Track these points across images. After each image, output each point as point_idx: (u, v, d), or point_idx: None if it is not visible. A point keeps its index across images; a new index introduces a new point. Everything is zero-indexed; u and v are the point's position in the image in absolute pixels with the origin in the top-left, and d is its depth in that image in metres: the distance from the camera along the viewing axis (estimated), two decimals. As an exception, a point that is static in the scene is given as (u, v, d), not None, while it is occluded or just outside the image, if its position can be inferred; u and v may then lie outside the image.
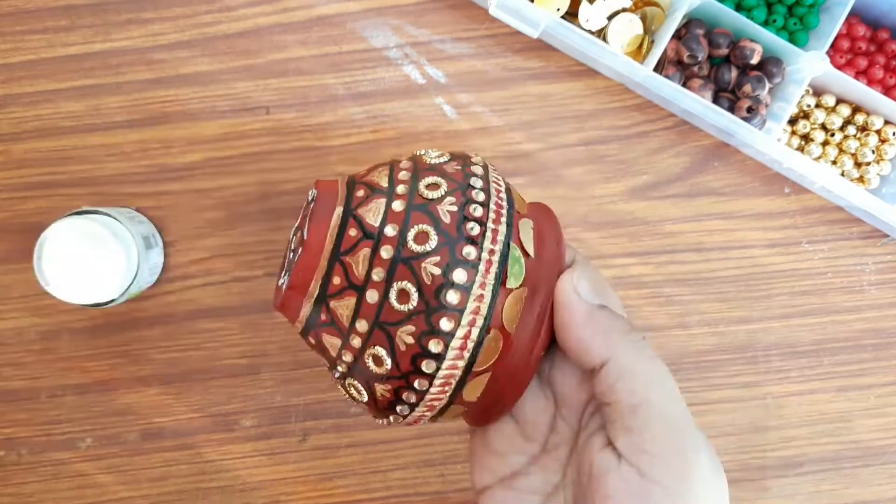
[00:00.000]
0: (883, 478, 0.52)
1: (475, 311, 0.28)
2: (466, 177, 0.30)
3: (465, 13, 0.49)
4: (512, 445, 0.32)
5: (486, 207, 0.29)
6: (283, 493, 0.50)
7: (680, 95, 0.46)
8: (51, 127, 0.48)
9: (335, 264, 0.29)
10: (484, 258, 0.28)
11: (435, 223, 0.28)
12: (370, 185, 0.30)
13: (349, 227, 0.29)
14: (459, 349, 0.28)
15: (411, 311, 0.28)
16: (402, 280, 0.28)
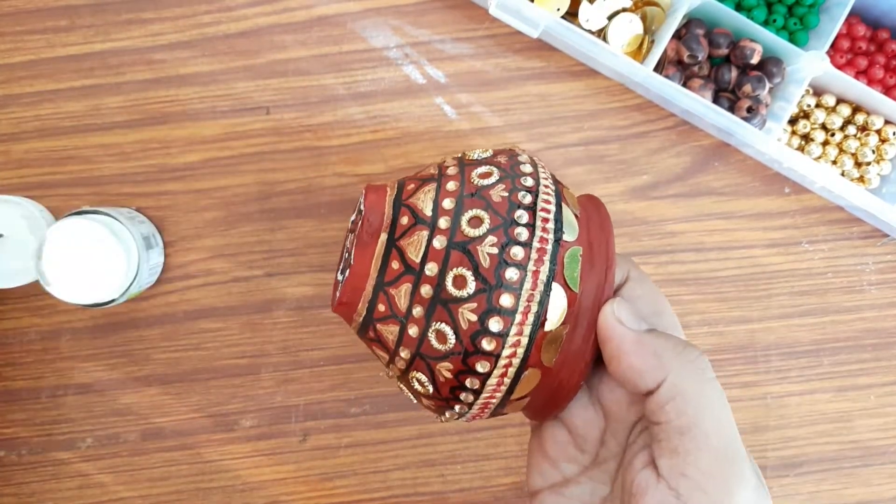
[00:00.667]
0: (883, 478, 0.52)
1: (511, 355, 0.28)
2: (512, 208, 0.29)
3: (465, 13, 0.49)
4: (564, 453, 0.32)
5: (529, 247, 0.29)
6: (283, 493, 0.50)
7: (680, 95, 0.46)
8: (51, 127, 0.48)
9: (379, 293, 0.30)
10: (522, 305, 0.28)
11: (474, 266, 0.28)
12: (415, 211, 0.30)
13: (392, 258, 0.30)
14: (496, 385, 0.29)
15: (448, 351, 0.29)
16: (440, 322, 0.28)
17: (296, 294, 0.48)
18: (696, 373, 0.27)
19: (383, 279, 0.30)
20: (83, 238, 0.42)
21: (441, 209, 0.30)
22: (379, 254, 0.30)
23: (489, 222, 0.29)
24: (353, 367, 0.49)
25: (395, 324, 0.30)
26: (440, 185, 0.31)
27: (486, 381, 0.29)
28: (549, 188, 0.31)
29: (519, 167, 0.31)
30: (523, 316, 0.28)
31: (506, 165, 0.32)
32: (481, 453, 0.50)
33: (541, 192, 0.30)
